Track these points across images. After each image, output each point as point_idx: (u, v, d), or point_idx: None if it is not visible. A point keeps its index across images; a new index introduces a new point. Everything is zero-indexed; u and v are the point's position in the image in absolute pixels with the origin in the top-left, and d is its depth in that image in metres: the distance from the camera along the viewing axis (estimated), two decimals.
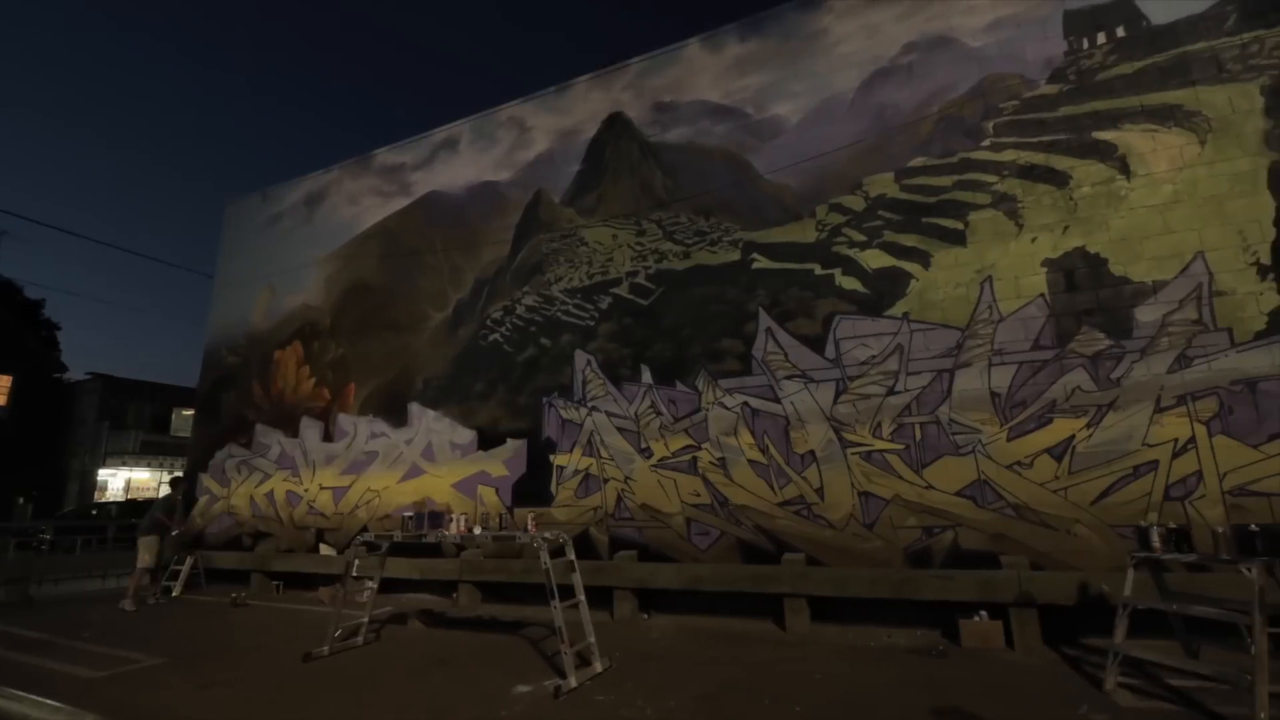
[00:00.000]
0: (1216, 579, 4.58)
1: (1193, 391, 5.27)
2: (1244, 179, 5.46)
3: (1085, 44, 6.28)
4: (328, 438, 10.12)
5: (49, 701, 4.51)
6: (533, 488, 8.06)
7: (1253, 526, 4.05)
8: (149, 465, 27.57)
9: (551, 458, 8.02)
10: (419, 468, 9.07)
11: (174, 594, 9.31)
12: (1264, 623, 3.45)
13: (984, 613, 5.31)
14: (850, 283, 6.79)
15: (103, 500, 24.20)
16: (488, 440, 8.58)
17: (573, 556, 5.19)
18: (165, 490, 10.55)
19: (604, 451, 7.70)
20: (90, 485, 26.62)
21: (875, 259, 6.73)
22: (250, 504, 10.57)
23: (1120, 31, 6.18)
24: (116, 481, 27.23)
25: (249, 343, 11.78)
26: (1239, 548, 3.87)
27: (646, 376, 7.66)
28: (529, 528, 5.28)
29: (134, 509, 18.94)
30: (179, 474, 11.63)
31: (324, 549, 9.39)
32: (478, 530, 5.48)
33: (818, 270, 6.99)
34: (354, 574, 6.11)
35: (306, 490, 10.01)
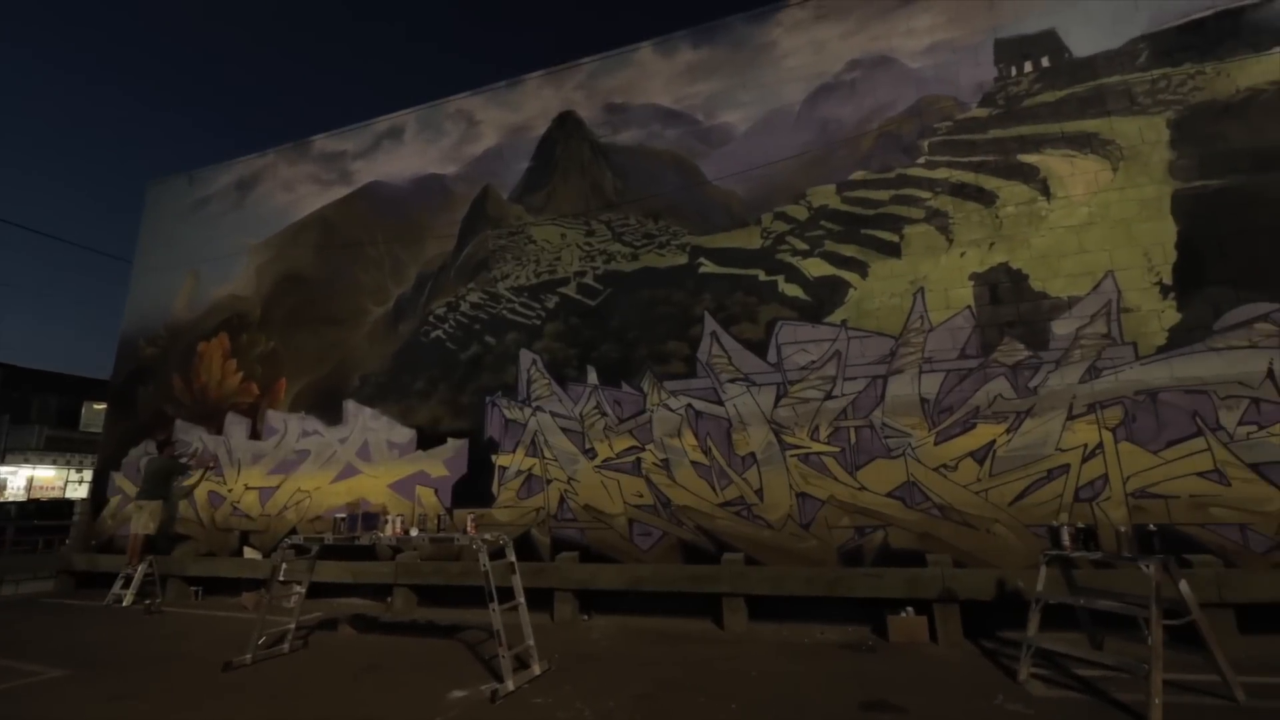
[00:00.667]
0: (1119, 575, 4.93)
1: (1101, 400, 5.68)
2: (1150, 205, 5.92)
3: (1013, 71, 6.68)
4: (255, 435, 9.64)
5: None
6: (474, 489, 7.91)
7: (1151, 526, 4.40)
8: (54, 463, 25.57)
9: (494, 458, 7.90)
10: (354, 467, 8.76)
11: (124, 604, 8.28)
12: (1159, 616, 3.73)
13: (910, 609, 5.55)
14: (792, 289, 6.98)
15: (1, 500, 22.29)
16: (427, 440, 8.37)
17: (513, 558, 5.12)
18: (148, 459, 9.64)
19: (548, 452, 7.64)
20: None
21: (816, 267, 6.94)
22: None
23: (1045, 62, 6.60)
24: (17, 480, 25.14)
25: (170, 333, 11.09)
26: (1139, 546, 4.19)
27: (592, 377, 7.65)
28: (468, 529, 5.19)
29: (39, 510, 17.50)
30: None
31: (249, 552, 8.94)
32: (414, 532, 5.34)
33: (762, 276, 7.15)
34: (280, 578, 5.84)
35: (230, 491, 9.50)
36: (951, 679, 4.51)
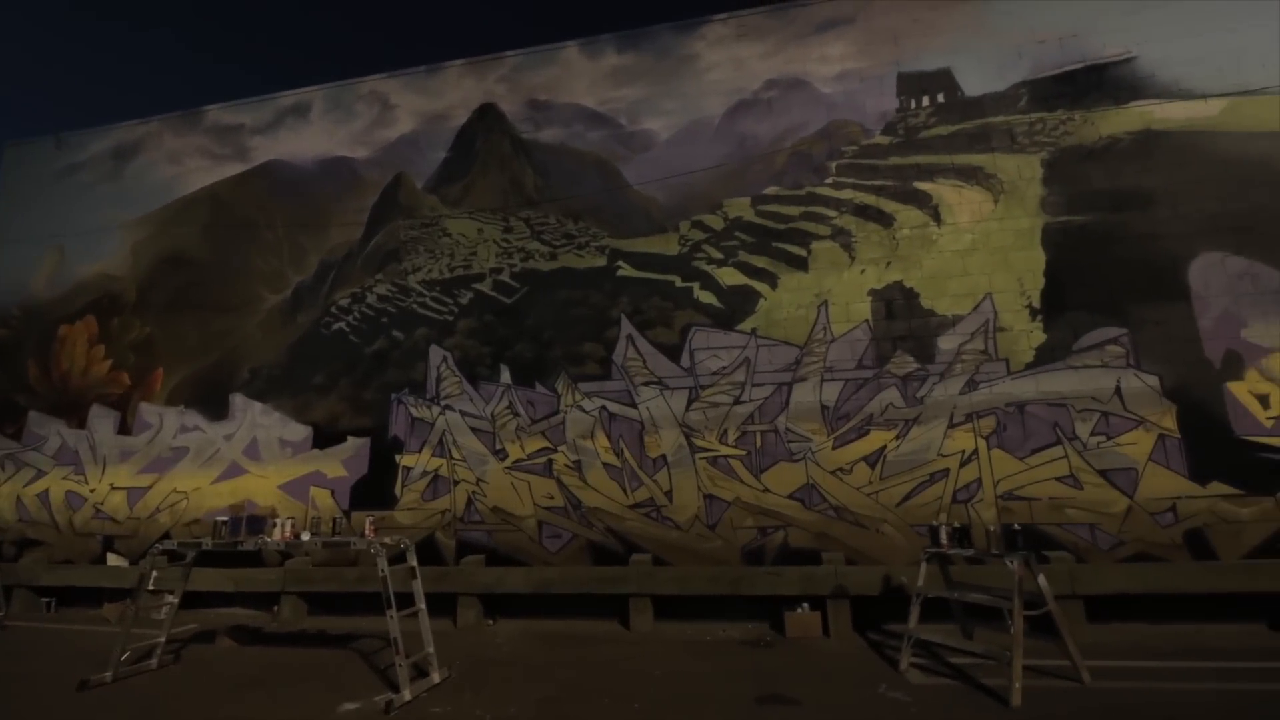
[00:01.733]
0: (989, 570, 5.40)
1: (977, 410, 6.24)
2: (1024, 235, 6.56)
3: (913, 104, 7.20)
4: (125, 430, 8.73)
5: None
6: (375, 490, 7.55)
7: (1016, 526, 4.85)
8: None
9: (398, 458, 7.58)
10: (240, 466, 8.13)
11: None
12: (1020, 607, 4.13)
13: (806, 605, 5.83)
14: (707, 297, 7.17)
15: None
16: (325, 438, 7.90)
17: (414, 562, 4.94)
18: None
19: (456, 452, 7.42)
20: None
21: (730, 276, 7.17)
22: (16, 506, 8.82)
23: (941, 98, 7.16)
24: None
25: (25, 313, 9.85)
26: (1006, 544, 4.62)
27: (506, 376, 7.52)
28: (367, 532, 4.95)
29: None
30: None
31: (113, 559, 8.08)
32: (306, 536, 5.03)
33: (678, 282, 7.29)
34: (150, 587, 5.33)
35: (93, 491, 8.56)
36: (841, 671, 4.79)
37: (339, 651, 5.69)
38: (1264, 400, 5.82)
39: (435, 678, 4.66)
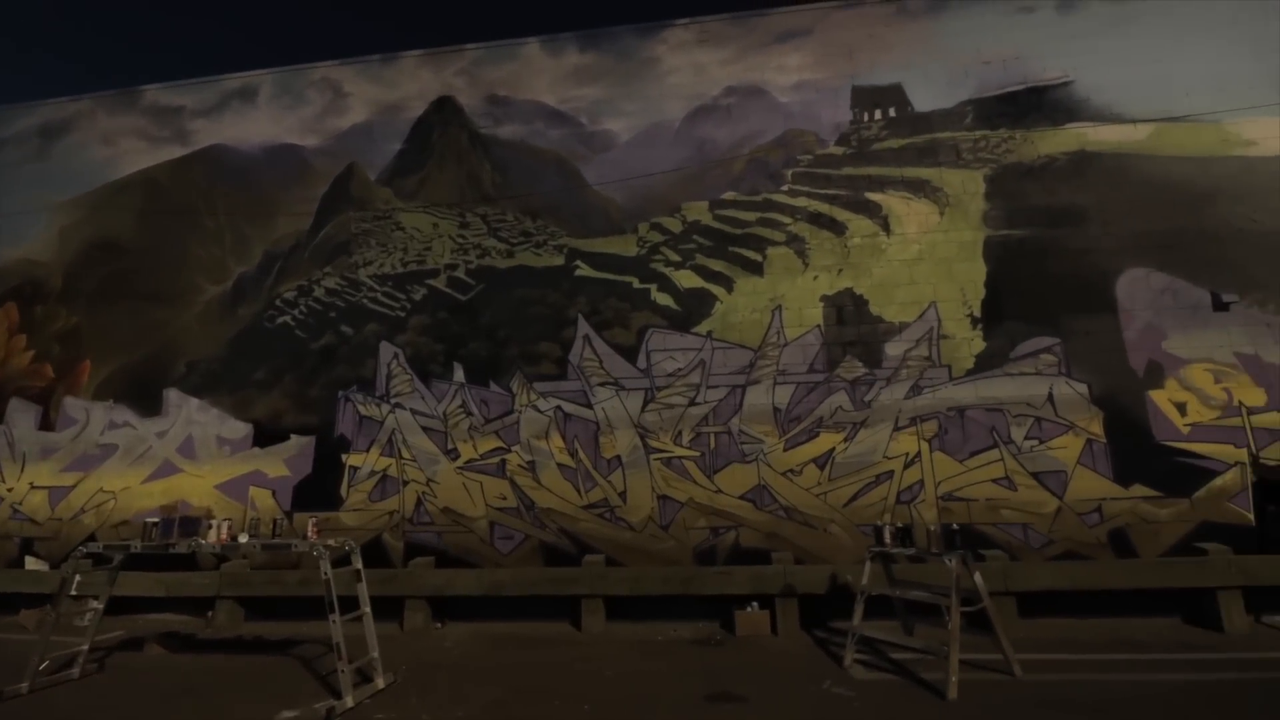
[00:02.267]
0: (929, 569, 5.59)
1: (921, 415, 6.48)
2: (967, 247, 6.85)
3: (866, 117, 7.43)
4: (47, 426, 8.20)
5: None
6: (319, 490, 7.30)
7: (955, 526, 5.06)
8: None
9: (344, 457, 7.35)
10: (173, 465, 7.74)
11: None
12: (958, 603, 4.31)
13: (755, 604, 5.93)
14: (664, 299, 7.22)
15: None
16: (267, 436, 7.60)
17: (359, 565, 4.80)
18: None
19: (406, 452, 7.25)
20: None
21: (687, 279, 7.24)
22: None
23: (892, 112, 7.40)
24: None
25: None
26: (945, 543, 4.80)
27: (459, 375, 7.39)
28: (309, 534, 4.78)
29: None
30: None
31: (32, 562, 7.57)
32: (244, 538, 4.82)
33: (636, 283, 7.32)
34: (72, 592, 5.03)
35: (11, 490, 8.01)
36: (788, 668, 4.89)
37: (278, 658, 5.48)
38: (1182, 408, 6.23)
39: (380, 683, 4.55)
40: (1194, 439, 6.16)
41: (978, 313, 6.65)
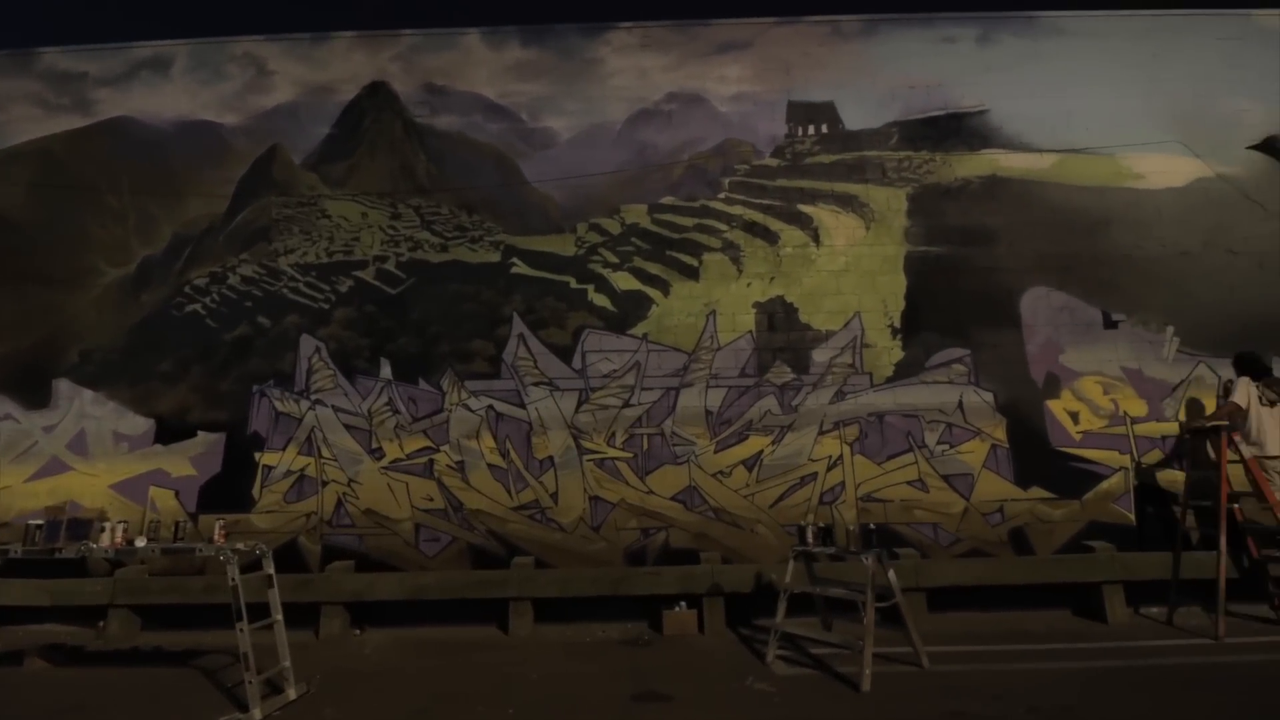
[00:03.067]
0: (848, 566, 5.83)
1: (843, 419, 6.78)
2: (890, 261, 7.21)
3: (800, 131, 7.71)
4: None
5: None
6: (229, 491, 6.86)
7: (871, 525, 5.31)
8: None
9: (258, 456, 6.94)
10: (62, 463, 7.09)
11: None
12: (873, 600, 4.52)
13: (683, 604, 6.03)
14: (601, 300, 7.22)
15: None
16: (171, 432, 7.08)
17: (271, 569, 4.56)
18: None
19: (326, 451, 6.93)
20: None
21: (625, 281, 7.28)
22: None
23: (824, 128, 7.71)
24: None
25: None
26: (863, 542, 5.05)
27: (386, 371, 7.13)
28: (216, 537, 4.50)
29: None
30: None
31: None
32: (141, 542, 4.48)
33: (573, 284, 7.29)
34: None
35: None
36: (713, 666, 5.00)
37: (179, 670, 5.12)
38: (1075, 416, 6.80)
39: (291, 693, 4.33)
40: (1085, 445, 6.73)
41: (898, 323, 7.02)
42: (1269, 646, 5.09)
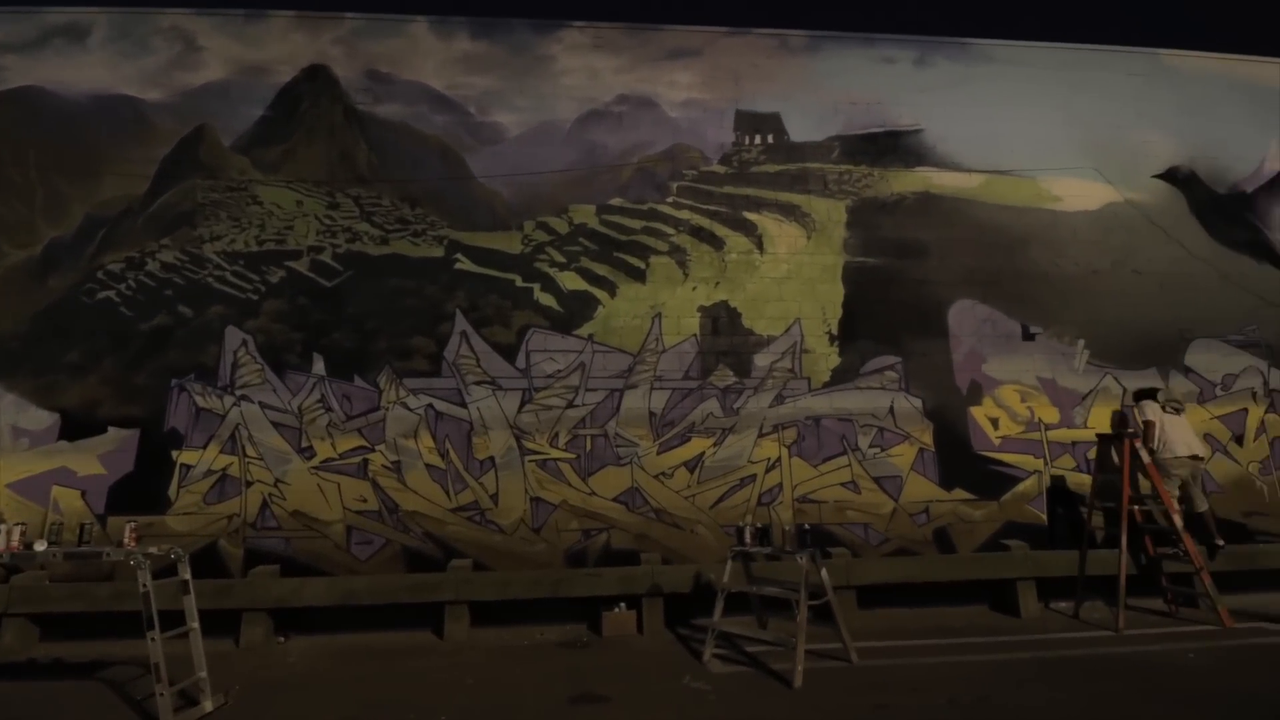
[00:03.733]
0: (784, 566, 6.00)
1: (782, 422, 6.97)
2: (829, 270, 7.47)
3: (747, 140, 7.89)
4: None
5: None
6: (142, 491, 6.41)
7: (807, 526, 5.47)
8: None
9: (175, 454, 6.52)
10: None
11: None
12: (806, 598, 4.66)
13: (623, 604, 6.04)
14: (547, 299, 7.17)
15: None
16: (78, 428, 6.56)
17: (188, 575, 4.30)
18: None
19: (251, 449, 6.59)
20: None
21: (571, 281, 7.25)
22: None
23: (770, 139, 7.91)
24: None
25: None
26: (798, 541, 5.19)
27: (319, 367, 6.85)
28: (126, 541, 4.21)
29: None
30: None
31: None
32: (41, 545, 4.15)
33: (519, 282, 7.21)
34: None
35: None
36: (651, 666, 5.03)
37: (82, 683, 4.77)
38: (995, 422, 7.22)
39: (207, 705, 4.10)
40: (1003, 450, 7.15)
41: (835, 331, 7.28)
42: (1163, 638, 5.54)
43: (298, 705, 4.27)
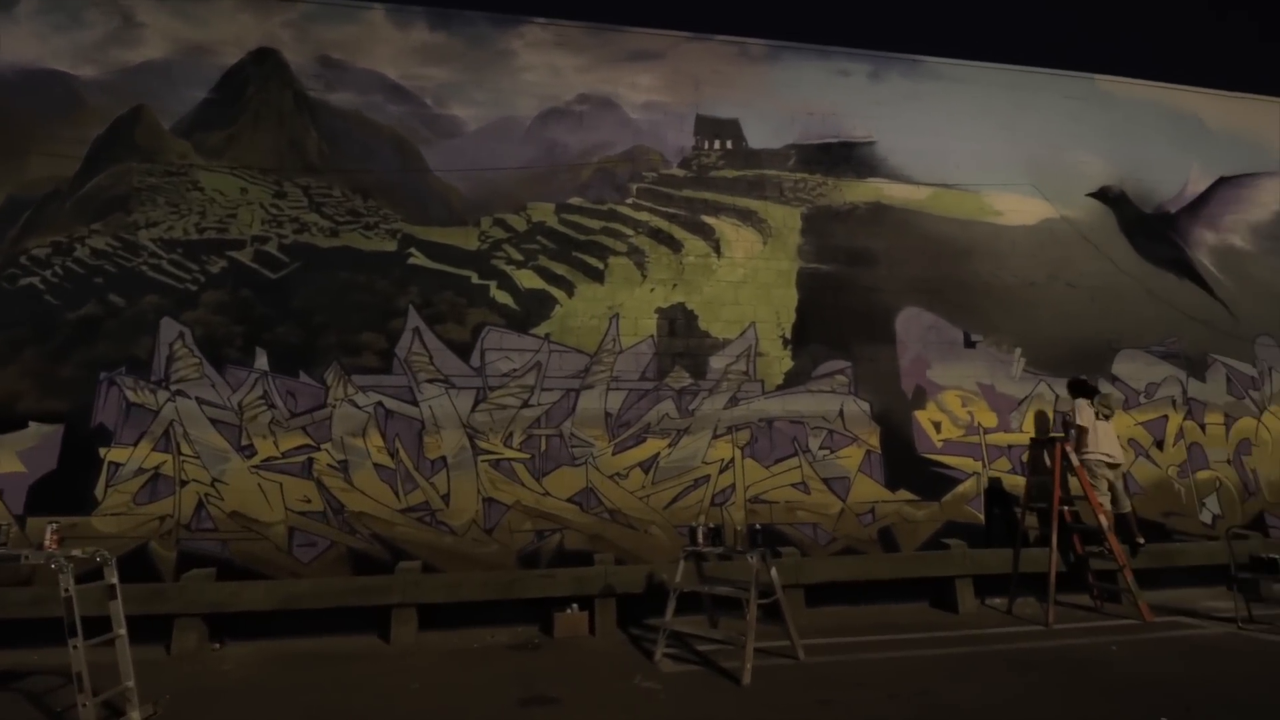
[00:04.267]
0: (735, 565, 6.10)
1: (736, 424, 7.08)
2: (784, 275, 7.62)
3: (706, 145, 7.98)
4: None
5: None
6: (66, 490, 6.03)
7: (758, 526, 5.57)
8: None
9: (103, 452, 6.17)
10: None
11: None
12: (755, 597, 4.74)
13: (575, 605, 6.02)
14: (504, 297, 7.08)
15: None
16: None
17: (114, 579, 4.08)
18: None
19: (186, 447, 6.28)
20: None
21: (528, 279, 7.18)
22: None
23: (729, 144, 8.02)
24: None
25: None
26: (750, 541, 5.27)
27: (262, 362, 6.58)
28: (47, 543, 3.97)
29: None
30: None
31: None
32: None
33: (475, 279, 7.10)
34: None
35: None
36: (602, 666, 5.03)
37: None
38: (938, 426, 7.50)
39: (135, 716, 3.89)
40: (945, 452, 7.44)
41: (789, 335, 7.43)
42: (1089, 631, 5.88)
43: (233, 714, 4.10)
